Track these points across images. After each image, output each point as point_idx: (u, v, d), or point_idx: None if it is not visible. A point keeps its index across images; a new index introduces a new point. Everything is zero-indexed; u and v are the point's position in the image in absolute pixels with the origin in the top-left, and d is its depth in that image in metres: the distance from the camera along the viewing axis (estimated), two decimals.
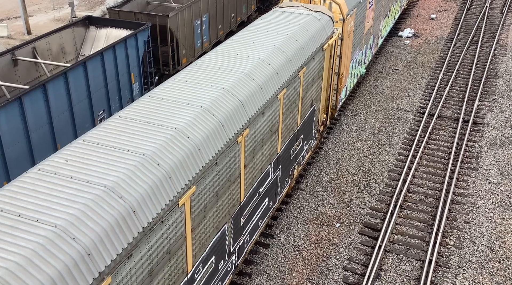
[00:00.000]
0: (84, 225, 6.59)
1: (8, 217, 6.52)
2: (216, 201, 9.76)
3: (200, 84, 10.48)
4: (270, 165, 12.51)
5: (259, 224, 12.77)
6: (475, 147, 18.62)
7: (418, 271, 13.16)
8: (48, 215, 6.58)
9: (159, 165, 7.99)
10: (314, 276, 12.99)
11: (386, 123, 20.28)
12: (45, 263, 5.99)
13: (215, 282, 10.52)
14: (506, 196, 15.98)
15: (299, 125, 14.20)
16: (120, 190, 7.26)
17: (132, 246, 7.09)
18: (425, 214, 15.13)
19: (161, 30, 20.75)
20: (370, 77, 24.25)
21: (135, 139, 8.40)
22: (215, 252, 10.25)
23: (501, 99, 22.15)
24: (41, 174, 7.38)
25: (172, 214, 8.11)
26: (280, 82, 11.95)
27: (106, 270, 6.58)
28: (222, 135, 9.51)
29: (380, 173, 17.05)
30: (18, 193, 7.00)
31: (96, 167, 7.60)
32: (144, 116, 9.12)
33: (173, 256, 8.45)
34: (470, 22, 31.63)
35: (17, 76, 16.43)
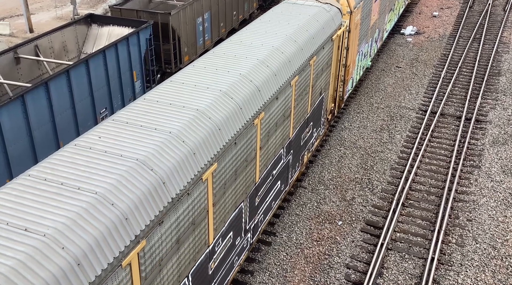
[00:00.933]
0: (121, 193, 7.21)
1: (52, 185, 7.13)
2: (234, 179, 10.41)
3: (218, 70, 11.10)
4: (283, 149, 13.17)
5: (272, 206, 13.49)
6: (477, 145, 18.59)
7: (420, 269, 13.16)
8: (88, 184, 7.18)
9: (184, 142, 8.61)
10: (316, 274, 12.99)
11: (388, 121, 20.25)
12: (88, 225, 6.65)
13: (232, 257, 11.24)
14: (508, 194, 15.95)
15: (309, 112, 14.87)
16: (151, 163, 7.85)
17: (162, 214, 7.74)
18: (427, 212, 15.12)
19: (163, 28, 20.75)
20: (372, 74, 24.21)
21: (160, 119, 8.95)
22: (233, 228, 10.94)
23: (504, 96, 22.10)
24: (78, 148, 8.00)
25: (197, 188, 8.78)
26: (292, 70, 12.56)
27: (141, 234, 7.26)
28: (240, 117, 10.12)
29: (382, 171, 17.03)
30: (58, 165, 7.61)
31: (127, 143, 8.19)
32: (168, 98, 9.70)
33: (197, 227, 9.13)
34: (473, 20, 31.54)
35: (19, 74, 16.45)
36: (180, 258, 8.75)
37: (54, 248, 6.17)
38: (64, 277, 6.05)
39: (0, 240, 6.17)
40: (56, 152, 7.93)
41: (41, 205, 6.76)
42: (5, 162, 12.82)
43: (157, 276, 8.08)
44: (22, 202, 6.78)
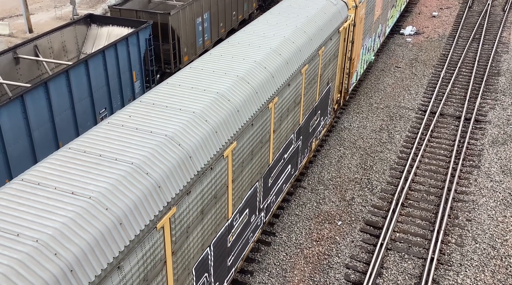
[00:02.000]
0: (154, 164, 7.91)
1: (92, 156, 7.85)
2: (251, 159, 11.15)
3: (234, 57, 11.85)
4: (293, 134, 13.94)
5: (283, 188, 14.20)
6: (477, 145, 18.60)
7: (420, 269, 13.16)
8: (124, 156, 7.88)
9: (207, 121, 9.33)
10: (315, 274, 12.99)
11: (388, 121, 20.26)
12: (127, 191, 7.36)
13: (247, 233, 12.03)
14: (508, 194, 15.96)
15: (317, 100, 15.59)
16: (178, 139, 8.60)
17: (190, 185, 8.47)
18: (426, 212, 15.12)
19: (163, 28, 20.75)
20: (371, 75, 24.22)
21: (184, 101, 9.70)
22: (249, 206, 11.69)
23: (503, 97, 22.12)
24: (111, 125, 8.68)
25: (219, 164, 9.49)
26: (302, 58, 13.32)
27: (172, 201, 7.99)
28: (256, 101, 10.86)
29: (381, 171, 17.04)
30: (95, 139, 8.26)
31: (156, 121, 8.91)
32: (189, 83, 10.49)
33: (218, 201, 9.87)
34: (472, 20, 31.56)
35: (19, 74, 16.44)
36: (203, 228, 9.51)
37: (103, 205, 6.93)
38: (109, 233, 6.79)
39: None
40: (93, 128, 8.73)
41: (96, 166, 7.63)
42: (4, 163, 12.81)
43: (185, 242, 8.84)
44: (70, 169, 7.54)
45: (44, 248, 6.18)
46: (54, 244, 6.24)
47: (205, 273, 9.94)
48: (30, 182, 7.24)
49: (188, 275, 9.18)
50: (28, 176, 7.37)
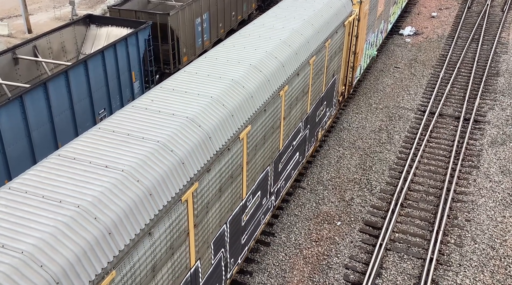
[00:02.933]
0: (177, 142, 8.58)
1: (121, 134, 8.50)
2: (263, 143, 11.80)
3: (246, 48, 12.51)
4: (301, 122, 14.58)
5: (291, 174, 14.83)
6: (476, 145, 18.61)
7: (419, 269, 13.17)
8: (151, 134, 8.53)
9: (224, 105, 9.97)
10: (315, 274, 13.00)
11: (387, 121, 20.27)
12: (154, 164, 7.99)
13: (259, 215, 12.65)
14: (507, 194, 15.97)
15: (323, 91, 16.26)
16: (199, 121, 9.24)
17: (210, 163, 9.12)
18: (426, 212, 15.13)
19: (162, 29, 20.75)
20: (371, 75, 24.23)
21: (202, 87, 10.39)
22: (261, 188, 12.32)
23: (502, 97, 22.13)
24: (135, 108, 9.35)
25: (235, 145, 10.16)
26: (310, 50, 13.95)
27: (194, 177, 8.61)
28: (268, 88, 11.51)
29: (381, 171, 17.05)
30: (123, 119, 8.97)
31: (177, 105, 9.56)
32: (205, 71, 11.19)
33: (234, 181, 10.50)
34: (471, 20, 31.59)
35: (18, 75, 16.43)
36: (221, 205, 10.16)
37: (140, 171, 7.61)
38: (141, 203, 7.36)
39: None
40: (118, 110, 9.37)
41: (125, 143, 8.25)
42: (3, 163, 12.81)
43: (205, 217, 9.50)
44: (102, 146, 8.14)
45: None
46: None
47: (221, 249, 10.65)
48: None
49: (207, 249, 9.90)
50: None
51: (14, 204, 6.83)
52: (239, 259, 11.83)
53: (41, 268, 6.01)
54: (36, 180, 7.27)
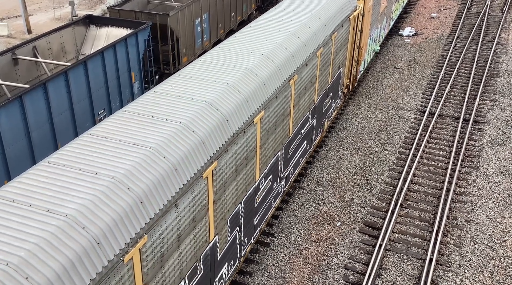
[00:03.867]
0: (198, 124, 9.21)
1: (145, 116, 9.15)
2: (274, 129, 12.45)
3: (257, 39, 13.21)
4: (309, 112, 15.21)
5: (300, 162, 15.46)
6: (475, 146, 18.61)
7: (418, 269, 13.16)
8: (174, 116, 9.18)
9: (239, 91, 10.62)
10: (314, 275, 12.99)
11: (387, 122, 20.27)
12: (178, 142, 8.61)
13: (270, 198, 13.25)
14: (506, 195, 15.98)
15: (329, 83, 16.93)
16: (216, 105, 9.88)
17: (227, 144, 9.75)
18: (425, 213, 15.13)
19: (162, 29, 20.75)
20: (370, 76, 24.24)
21: (217, 74, 11.04)
22: (272, 173, 12.93)
23: (502, 97, 22.14)
24: (157, 93, 10.02)
25: (249, 129, 10.81)
26: (318, 42, 14.61)
27: (214, 156, 9.22)
28: (279, 76, 12.18)
29: (380, 172, 17.05)
30: (149, 103, 9.57)
31: (196, 90, 10.25)
32: (220, 60, 11.81)
33: (248, 163, 11.13)
34: (471, 21, 31.61)
35: (17, 75, 16.43)
36: (237, 185, 10.80)
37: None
38: (168, 177, 8.02)
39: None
40: (141, 96, 9.95)
41: (151, 124, 8.81)
42: (3, 163, 12.80)
43: (222, 195, 10.10)
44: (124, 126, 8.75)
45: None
46: (127, 181, 7.55)
47: (236, 227, 11.29)
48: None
49: (224, 225, 10.56)
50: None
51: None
52: (252, 239, 12.56)
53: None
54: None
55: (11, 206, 6.75)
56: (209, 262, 10.11)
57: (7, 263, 5.87)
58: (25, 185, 7.16)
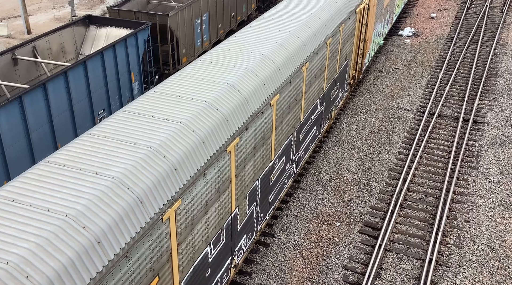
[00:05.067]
0: (222, 103, 10.03)
1: (173, 96, 9.95)
2: (288, 113, 13.21)
3: (271, 29, 14.07)
4: (319, 99, 16.03)
5: (309, 146, 16.28)
6: (475, 146, 18.62)
7: (418, 270, 13.17)
8: (201, 95, 10.06)
9: (257, 75, 11.49)
10: (314, 275, 12.99)
11: (386, 122, 20.27)
12: (204, 119, 9.46)
13: (283, 179, 14.11)
14: (506, 195, 15.98)
15: (337, 73, 17.76)
16: (237, 87, 10.70)
17: (248, 123, 10.61)
18: (425, 213, 15.13)
19: (161, 29, 20.75)
20: (370, 76, 24.25)
21: (236, 60, 11.86)
22: (285, 154, 13.72)
23: (501, 98, 22.15)
24: (181, 76, 10.73)
25: (267, 110, 11.53)
26: (327, 32, 15.44)
27: (236, 133, 10.09)
28: (292, 63, 12.99)
29: (380, 172, 17.05)
30: (175, 84, 10.40)
31: (217, 73, 11.06)
32: (237, 48, 12.68)
33: (265, 142, 12.00)
34: (471, 21, 31.62)
35: (17, 76, 16.43)
36: (255, 163, 11.59)
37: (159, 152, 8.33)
38: (197, 148, 8.87)
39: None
40: (172, 77, 10.64)
41: (176, 103, 9.57)
42: (3, 164, 12.80)
43: (242, 170, 10.91)
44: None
45: (156, 152, 8.36)
46: (163, 150, 8.30)
47: (254, 202, 12.08)
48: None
49: (243, 199, 11.37)
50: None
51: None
52: (266, 216, 13.37)
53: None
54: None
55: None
56: (231, 232, 10.97)
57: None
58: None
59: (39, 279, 5.90)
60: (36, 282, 5.86)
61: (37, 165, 7.66)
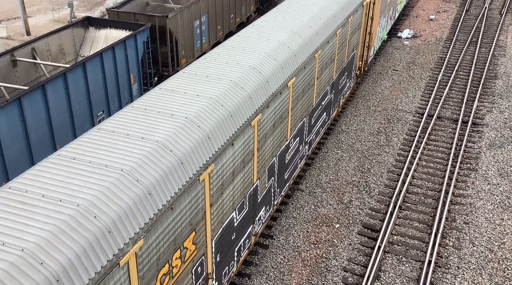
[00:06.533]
0: (246, 82, 10.97)
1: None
2: (302, 96, 14.16)
3: (285, 19, 15.06)
4: (329, 86, 17.06)
5: (320, 131, 17.29)
6: (474, 148, 18.63)
7: (417, 272, 13.16)
8: (226, 75, 11.02)
9: (275, 59, 12.44)
10: (313, 277, 12.98)
11: (386, 124, 20.28)
12: (231, 95, 10.41)
13: (297, 158, 15.10)
14: (505, 197, 15.98)
15: (345, 63, 18.74)
16: (259, 69, 11.71)
17: (269, 101, 11.56)
18: (424, 215, 15.13)
19: (161, 31, 20.75)
20: (369, 78, 24.26)
21: (257, 45, 12.91)
22: (299, 135, 14.73)
23: (500, 100, 22.17)
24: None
25: (284, 91, 12.63)
26: (337, 22, 16.49)
27: (258, 110, 11.05)
28: (307, 50, 13.96)
29: (379, 174, 17.05)
30: (207, 64, 11.47)
31: (241, 57, 12.02)
32: (256, 35, 13.67)
33: (283, 121, 12.97)
34: (469, 23, 31.65)
35: (16, 77, 16.42)
36: (273, 139, 12.56)
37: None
38: (225, 121, 9.85)
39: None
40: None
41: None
42: (2, 165, 12.78)
43: (263, 144, 11.90)
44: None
45: (190, 123, 9.14)
46: (197, 121, 9.21)
47: (272, 177, 13.01)
48: (165, 89, 10.13)
49: (264, 173, 12.31)
50: (163, 85, 10.44)
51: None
52: (282, 192, 14.28)
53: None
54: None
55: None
56: (252, 201, 11.95)
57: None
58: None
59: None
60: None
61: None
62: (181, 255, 8.87)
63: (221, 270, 10.78)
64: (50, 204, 6.83)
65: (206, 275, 10.00)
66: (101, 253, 6.71)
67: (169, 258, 8.46)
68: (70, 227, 6.56)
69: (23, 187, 7.16)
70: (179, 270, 8.88)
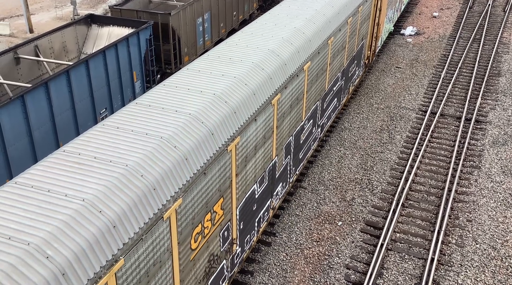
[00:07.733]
0: (268, 63, 11.78)
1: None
2: (316, 80, 14.98)
3: (299, 7, 15.94)
4: (339, 73, 17.69)
5: (331, 116, 18.05)
6: (477, 145, 18.59)
7: (420, 269, 13.16)
8: (247, 58, 11.84)
9: (292, 44, 13.26)
10: (316, 274, 12.99)
11: (388, 121, 20.25)
12: (254, 76, 11.17)
13: (310, 140, 15.87)
14: (508, 195, 15.95)
15: (355, 51, 19.43)
16: (278, 52, 12.55)
17: (287, 82, 12.28)
18: (427, 213, 15.11)
19: (163, 28, 20.75)
20: (372, 75, 24.22)
21: (273, 30, 13.71)
22: (312, 118, 15.53)
23: (504, 97, 22.11)
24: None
25: (301, 74, 13.35)
26: (348, 11, 17.24)
27: (278, 89, 11.90)
28: (320, 36, 14.82)
29: (382, 172, 17.03)
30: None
31: (260, 40, 12.93)
32: (271, 22, 14.47)
33: (299, 102, 13.72)
34: (473, 20, 31.55)
35: (19, 75, 16.45)
36: (290, 119, 13.30)
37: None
38: (249, 98, 10.67)
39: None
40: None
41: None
42: (5, 162, 12.82)
43: (282, 123, 12.67)
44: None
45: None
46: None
47: (288, 155, 13.78)
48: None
49: (281, 150, 13.11)
50: (167, 82, 10.51)
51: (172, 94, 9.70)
52: (297, 171, 15.05)
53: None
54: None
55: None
56: (271, 176, 12.69)
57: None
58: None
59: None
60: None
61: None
62: (211, 218, 9.72)
63: (243, 237, 11.70)
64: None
65: (231, 240, 10.91)
66: (149, 207, 7.47)
67: (201, 219, 9.31)
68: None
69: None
70: (209, 231, 9.77)
